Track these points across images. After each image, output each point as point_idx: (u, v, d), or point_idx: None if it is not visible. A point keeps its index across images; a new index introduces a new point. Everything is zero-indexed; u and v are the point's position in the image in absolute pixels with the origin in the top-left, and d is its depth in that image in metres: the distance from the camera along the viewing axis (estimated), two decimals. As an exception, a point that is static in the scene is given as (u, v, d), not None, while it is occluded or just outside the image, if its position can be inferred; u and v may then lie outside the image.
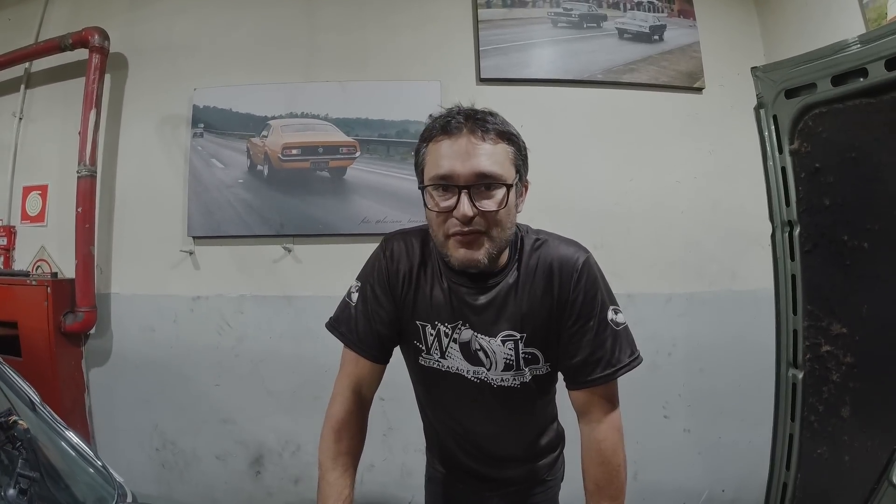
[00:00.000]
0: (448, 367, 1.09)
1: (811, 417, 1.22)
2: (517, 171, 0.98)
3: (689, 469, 2.30)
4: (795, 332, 1.25)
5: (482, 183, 0.93)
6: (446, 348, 1.08)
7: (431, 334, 1.08)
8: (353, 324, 1.10)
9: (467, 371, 1.08)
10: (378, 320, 1.09)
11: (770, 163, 1.27)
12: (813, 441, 1.22)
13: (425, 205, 0.99)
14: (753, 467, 1.95)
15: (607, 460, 1.03)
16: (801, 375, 1.24)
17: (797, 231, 1.23)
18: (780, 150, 1.25)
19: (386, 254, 1.11)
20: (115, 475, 1.14)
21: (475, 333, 1.05)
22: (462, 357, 1.07)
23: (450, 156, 0.94)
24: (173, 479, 2.33)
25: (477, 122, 0.95)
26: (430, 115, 1.02)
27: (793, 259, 1.25)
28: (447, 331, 1.06)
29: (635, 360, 1.04)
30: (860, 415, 1.11)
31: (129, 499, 1.10)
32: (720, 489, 2.30)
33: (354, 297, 1.12)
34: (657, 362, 2.24)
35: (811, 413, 1.23)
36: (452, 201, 0.94)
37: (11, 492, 0.88)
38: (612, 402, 1.05)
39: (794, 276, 1.25)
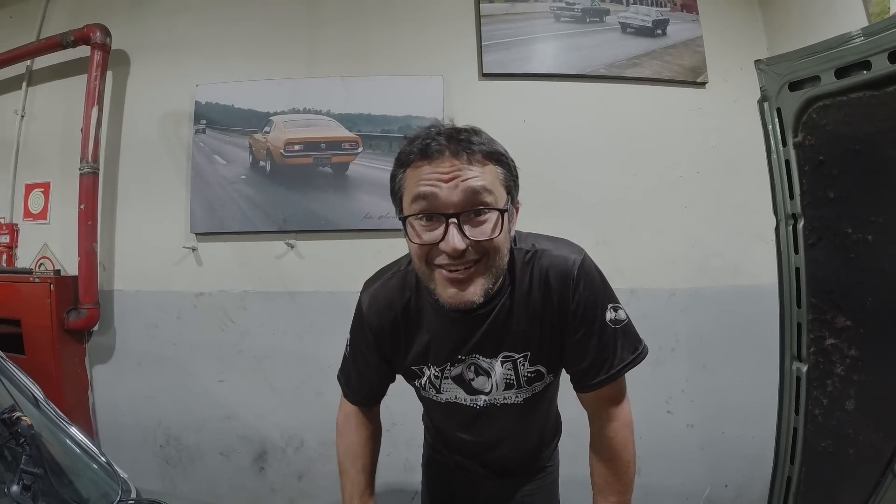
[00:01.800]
0: (447, 399, 1.08)
1: (815, 411, 1.22)
2: (508, 194, 0.89)
3: (692, 464, 2.30)
4: (799, 325, 1.24)
5: (471, 210, 0.84)
6: (440, 386, 1.07)
7: (426, 374, 1.07)
8: (347, 374, 1.15)
9: (465, 399, 1.07)
10: (367, 372, 1.12)
11: (774, 156, 1.26)
12: (817, 435, 1.22)
13: (406, 237, 0.90)
14: (757, 462, 1.95)
15: (617, 456, 1.03)
16: (805, 369, 1.23)
17: (801, 224, 1.22)
18: (784, 143, 1.24)
19: (364, 310, 1.06)
20: (119, 471, 1.15)
21: (468, 363, 1.03)
22: (458, 387, 1.06)
23: (432, 182, 0.83)
24: (177, 475, 2.34)
25: (461, 143, 0.85)
26: (406, 137, 0.94)
27: (797, 252, 1.24)
28: (437, 373, 1.05)
29: (640, 356, 1.02)
30: (865, 408, 1.10)
31: (133, 494, 1.11)
32: (723, 484, 2.30)
33: (347, 350, 1.14)
34: (660, 358, 2.24)
35: (815, 406, 1.22)
36: (438, 232, 0.84)
37: (15, 488, 0.89)
38: (620, 398, 1.05)
39: (798, 270, 1.24)
